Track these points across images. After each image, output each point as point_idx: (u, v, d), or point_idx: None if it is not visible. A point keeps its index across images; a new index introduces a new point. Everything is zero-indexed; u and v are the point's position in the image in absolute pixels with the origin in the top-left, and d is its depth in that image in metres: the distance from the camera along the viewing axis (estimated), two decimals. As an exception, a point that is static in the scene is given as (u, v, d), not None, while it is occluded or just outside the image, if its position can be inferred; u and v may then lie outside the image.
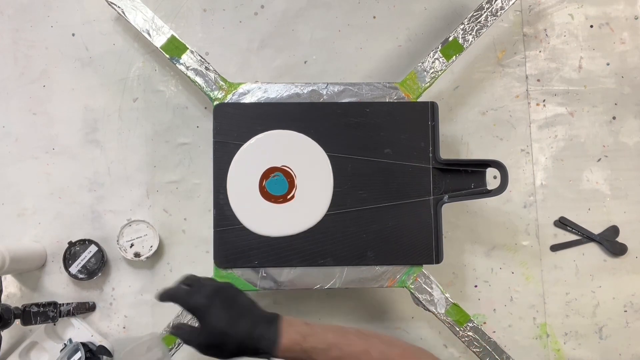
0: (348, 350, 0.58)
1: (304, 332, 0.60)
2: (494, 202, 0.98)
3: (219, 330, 0.59)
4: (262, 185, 0.82)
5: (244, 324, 0.60)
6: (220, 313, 0.60)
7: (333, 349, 0.58)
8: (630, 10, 1.02)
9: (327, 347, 0.59)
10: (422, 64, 0.86)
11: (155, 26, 0.85)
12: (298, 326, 0.61)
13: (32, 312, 0.84)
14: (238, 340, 0.59)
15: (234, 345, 0.59)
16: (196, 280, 0.64)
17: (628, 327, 0.98)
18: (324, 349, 0.59)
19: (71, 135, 0.97)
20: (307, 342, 0.59)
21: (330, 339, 0.59)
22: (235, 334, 0.59)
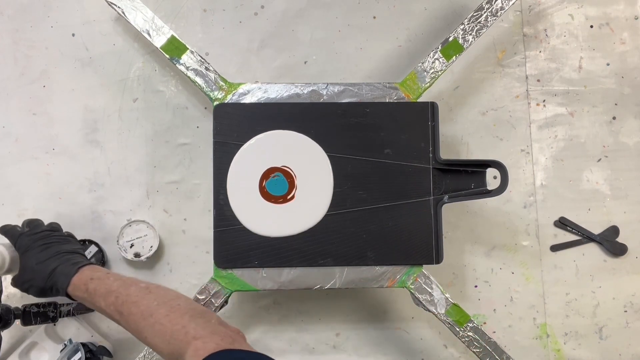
0: (123, 298, 0.64)
1: (94, 276, 0.67)
2: (494, 202, 0.98)
3: (29, 267, 0.70)
4: (262, 185, 0.82)
5: (51, 264, 0.69)
6: (35, 254, 0.70)
7: (110, 296, 0.65)
8: (630, 11, 1.02)
9: (106, 293, 0.65)
10: (422, 64, 0.86)
11: (155, 26, 0.85)
12: (93, 272, 0.68)
13: (32, 313, 0.84)
14: (43, 277, 0.69)
15: (41, 282, 0.68)
16: (36, 226, 0.75)
17: (628, 327, 0.98)
18: (103, 293, 0.65)
19: (71, 135, 0.97)
20: (92, 283, 0.66)
21: (113, 286, 0.66)
22: (41, 271, 0.69)
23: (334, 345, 0.97)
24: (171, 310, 0.63)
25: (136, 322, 0.63)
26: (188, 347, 0.58)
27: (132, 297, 0.64)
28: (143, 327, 0.62)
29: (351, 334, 0.97)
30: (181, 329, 0.60)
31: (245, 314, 0.97)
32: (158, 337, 0.61)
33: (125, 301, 0.64)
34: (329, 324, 0.97)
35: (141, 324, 0.62)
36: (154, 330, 0.61)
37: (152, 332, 0.61)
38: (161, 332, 0.61)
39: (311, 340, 0.97)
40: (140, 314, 0.62)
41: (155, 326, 0.61)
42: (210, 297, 0.82)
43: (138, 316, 0.62)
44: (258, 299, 0.97)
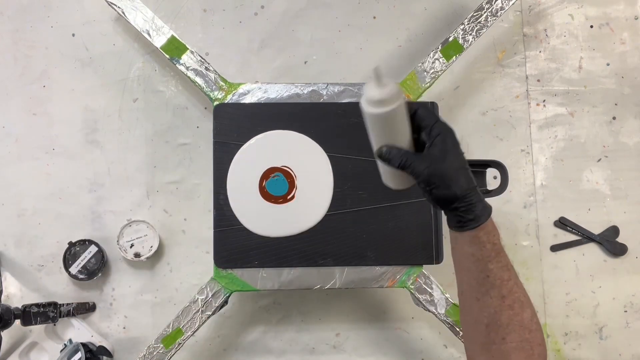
0: (513, 286, 0.58)
1: (499, 239, 0.59)
2: (494, 202, 0.96)
3: (455, 167, 0.57)
4: (262, 185, 0.82)
5: (472, 177, 0.58)
6: (460, 153, 0.58)
7: (508, 272, 0.58)
8: (630, 11, 1.02)
9: (506, 266, 0.58)
10: (422, 64, 0.86)
11: (155, 26, 0.85)
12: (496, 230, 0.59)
13: (32, 313, 0.84)
14: (465, 186, 0.57)
15: (460, 189, 0.57)
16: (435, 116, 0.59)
17: (628, 327, 0.98)
18: (504, 265, 0.58)
19: (71, 135, 0.97)
20: (499, 244, 0.58)
21: (510, 263, 0.58)
22: (464, 180, 0.57)
23: (334, 345, 0.97)
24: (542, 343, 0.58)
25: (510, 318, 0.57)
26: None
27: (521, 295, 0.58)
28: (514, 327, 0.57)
29: (351, 334, 0.97)
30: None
31: (245, 314, 0.97)
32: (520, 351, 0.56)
33: (513, 291, 0.58)
34: (329, 324, 0.97)
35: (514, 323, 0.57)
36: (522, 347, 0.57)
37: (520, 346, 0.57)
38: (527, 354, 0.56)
39: (311, 340, 0.97)
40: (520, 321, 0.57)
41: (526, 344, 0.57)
42: (210, 297, 0.82)
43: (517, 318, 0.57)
44: (258, 299, 0.97)
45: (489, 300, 0.58)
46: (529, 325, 0.56)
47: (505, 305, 0.57)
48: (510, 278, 0.58)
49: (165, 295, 0.96)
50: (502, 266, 0.58)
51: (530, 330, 0.56)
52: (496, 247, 0.58)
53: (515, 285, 0.58)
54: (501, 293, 0.57)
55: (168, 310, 0.95)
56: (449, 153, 0.57)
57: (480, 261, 0.58)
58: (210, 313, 0.83)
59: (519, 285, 0.58)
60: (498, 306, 0.57)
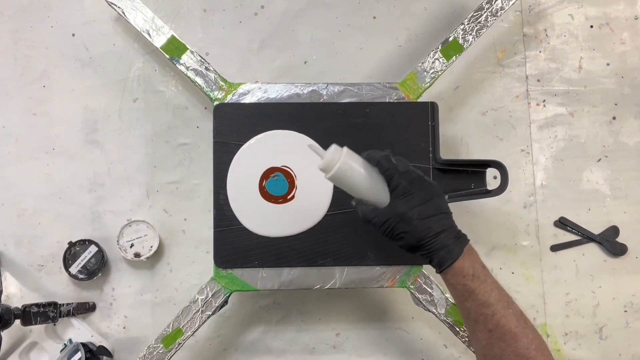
0: (499, 320, 0.57)
1: (476, 273, 0.59)
2: (494, 202, 0.98)
3: (407, 218, 0.60)
4: (262, 185, 0.82)
5: (435, 227, 0.60)
6: (418, 204, 0.60)
7: (487, 308, 0.58)
8: (630, 11, 1.02)
9: (484, 303, 0.58)
10: (422, 64, 0.86)
11: (155, 26, 0.85)
12: (476, 262, 0.60)
13: (32, 313, 0.84)
14: (421, 237, 0.59)
15: (415, 240, 0.60)
16: (404, 162, 0.64)
17: (628, 327, 0.98)
18: (481, 301, 0.58)
19: (71, 135, 0.97)
20: (473, 282, 0.59)
21: (492, 299, 0.58)
22: (421, 230, 0.59)
23: (334, 345, 0.97)
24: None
25: (502, 349, 0.57)
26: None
27: (512, 326, 0.57)
28: (508, 357, 0.57)
29: (351, 334, 0.97)
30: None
31: (245, 314, 0.97)
32: (528, 341, 0.56)
33: (501, 324, 0.58)
34: (329, 324, 0.97)
35: (507, 354, 0.57)
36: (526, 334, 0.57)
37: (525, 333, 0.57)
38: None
39: (311, 340, 0.97)
40: (513, 351, 0.56)
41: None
42: (210, 297, 0.82)
43: (510, 349, 0.56)
44: (258, 299, 0.97)
45: (478, 334, 0.59)
46: (526, 354, 0.56)
47: (495, 338, 0.57)
48: (494, 313, 0.58)
49: (165, 295, 0.96)
50: (480, 303, 0.58)
51: (528, 358, 0.56)
52: (467, 287, 0.59)
53: (503, 318, 0.58)
54: (487, 327, 0.58)
55: (168, 310, 0.95)
56: (400, 207, 0.60)
57: (457, 300, 0.61)
58: (210, 313, 0.83)
59: (507, 317, 0.58)
60: (487, 339, 0.58)
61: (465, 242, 0.61)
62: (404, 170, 0.62)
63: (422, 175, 0.63)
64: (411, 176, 0.62)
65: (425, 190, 0.61)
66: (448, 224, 0.61)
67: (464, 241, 0.61)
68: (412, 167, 0.64)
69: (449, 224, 0.62)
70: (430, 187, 0.62)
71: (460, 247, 0.60)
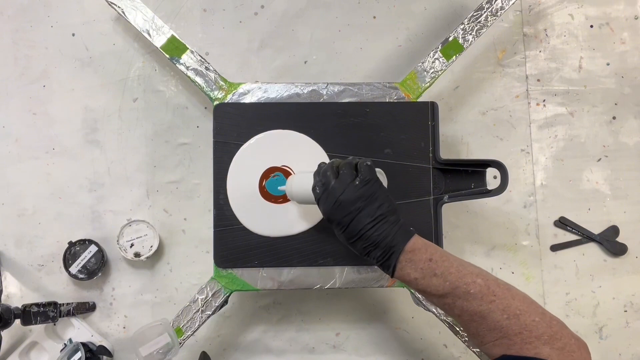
0: (462, 304, 0.59)
1: (419, 275, 0.60)
2: (494, 202, 0.98)
3: (360, 228, 0.61)
4: (262, 185, 0.82)
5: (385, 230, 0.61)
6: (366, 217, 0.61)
7: (446, 299, 0.59)
8: (630, 10, 1.02)
9: (442, 295, 0.60)
10: (422, 64, 0.86)
11: (155, 26, 0.85)
12: (418, 263, 0.61)
13: (32, 312, 0.84)
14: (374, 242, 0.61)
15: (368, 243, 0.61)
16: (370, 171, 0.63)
17: (628, 327, 0.98)
18: (438, 295, 0.60)
19: (71, 135, 0.97)
20: (418, 284, 0.61)
21: (447, 288, 0.59)
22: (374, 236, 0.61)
23: (334, 345, 0.97)
24: (525, 327, 0.56)
25: (476, 328, 0.58)
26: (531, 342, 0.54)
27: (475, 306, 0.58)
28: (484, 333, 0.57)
29: (351, 334, 0.97)
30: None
31: (245, 314, 0.97)
32: (498, 347, 0.56)
33: (464, 309, 0.58)
34: (329, 324, 0.97)
35: (482, 330, 0.58)
36: (500, 344, 0.56)
37: (497, 343, 0.56)
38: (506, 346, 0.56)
39: (311, 340, 0.97)
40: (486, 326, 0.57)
41: (502, 341, 0.56)
42: (210, 296, 0.82)
43: (482, 326, 0.57)
44: (258, 299, 0.97)
45: (454, 318, 0.61)
46: (496, 326, 0.56)
47: (466, 321, 0.59)
48: (454, 301, 0.59)
49: (165, 295, 0.96)
50: (438, 297, 0.60)
51: (501, 328, 0.56)
52: (418, 289, 0.61)
53: (464, 303, 0.58)
54: (454, 314, 0.60)
55: (168, 310, 0.95)
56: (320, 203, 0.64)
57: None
58: (210, 313, 0.83)
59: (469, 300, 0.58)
60: (461, 322, 0.60)
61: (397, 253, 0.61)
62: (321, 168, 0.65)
63: (330, 163, 0.65)
64: (319, 169, 0.65)
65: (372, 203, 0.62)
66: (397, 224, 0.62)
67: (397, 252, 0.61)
68: (336, 160, 0.66)
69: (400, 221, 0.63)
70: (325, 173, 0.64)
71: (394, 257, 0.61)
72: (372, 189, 0.62)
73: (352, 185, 0.61)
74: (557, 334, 0.55)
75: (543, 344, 0.54)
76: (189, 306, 0.83)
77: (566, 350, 0.54)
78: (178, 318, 0.82)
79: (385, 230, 0.61)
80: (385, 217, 0.61)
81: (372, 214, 0.61)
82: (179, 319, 0.82)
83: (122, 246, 0.93)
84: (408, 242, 0.61)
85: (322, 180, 0.64)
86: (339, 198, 0.61)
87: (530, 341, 0.54)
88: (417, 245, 0.61)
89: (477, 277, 0.59)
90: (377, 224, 0.61)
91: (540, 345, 0.54)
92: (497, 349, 0.56)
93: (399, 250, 0.60)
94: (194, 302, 0.83)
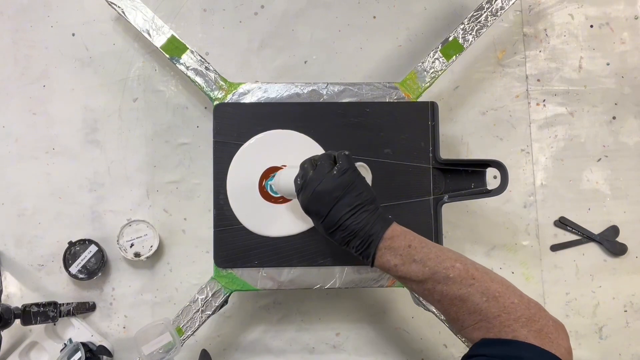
0: (441, 289, 0.59)
1: (399, 262, 0.61)
2: (494, 202, 0.98)
3: (338, 217, 0.61)
4: (262, 185, 0.82)
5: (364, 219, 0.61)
6: (344, 206, 0.61)
7: (425, 284, 0.60)
8: (630, 10, 1.02)
9: (421, 282, 0.60)
10: (422, 64, 0.86)
11: (155, 26, 0.85)
12: (397, 250, 0.61)
13: (32, 312, 0.84)
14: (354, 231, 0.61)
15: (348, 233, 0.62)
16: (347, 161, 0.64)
17: (628, 327, 0.98)
18: (417, 281, 0.60)
19: (71, 135, 0.97)
20: (398, 270, 0.61)
21: (425, 274, 0.59)
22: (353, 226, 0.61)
23: (334, 345, 0.97)
24: (504, 310, 0.56)
25: (456, 312, 0.58)
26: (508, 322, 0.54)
27: (454, 290, 0.58)
28: (464, 317, 0.58)
29: (351, 334, 0.97)
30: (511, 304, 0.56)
31: (245, 314, 0.97)
32: (478, 330, 0.56)
33: (444, 294, 0.58)
34: (329, 324, 0.97)
35: (462, 314, 0.58)
36: (479, 327, 0.56)
37: (476, 327, 0.57)
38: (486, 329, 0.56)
39: (311, 340, 0.97)
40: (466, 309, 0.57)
41: (481, 324, 0.56)
42: (210, 296, 0.82)
43: (462, 310, 0.58)
44: (258, 299, 0.97)
45: (433, 304, 0.61)
46: (476, 309, 0.57)
47: (446, 305, 0.59)
48: (434, 286, 0.59)
49: (165, 295, 0.96)
50: (417, 283, 0.60)
51: (480, 311, 0.56)
52: (398, 275, 0.61)
53: (444, 287, 0.59)
54: (434, 299, 0.60)
55: (168, 309, 0.95)
56: (300, 195, 0.64)
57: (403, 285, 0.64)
58: (210, 313, 0.83)
59: (448, 284, 0.58)
60: (440, 307, 0.60)
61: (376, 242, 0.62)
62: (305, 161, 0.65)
63: (310, 157, 0.65)
64: (303, 164, 0.65)
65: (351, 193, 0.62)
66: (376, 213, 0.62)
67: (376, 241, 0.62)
68: (317, 156, 0.66)
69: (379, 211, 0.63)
70: (303, 166, 0.64)
71: (373, 245, 0.61)
72: (350, 178, 0.62)
73: (330, 175, 0.61)
74: (534, 316, 0.55)
75: (521, 326, 0.54)
76: (189, 306, 0.83)
77: (544, 332, 0.53)
78: (178, 318, 0.82)
79: (364, 219, 0.61)
80: (363, 206, 0.61)
81: (350, 203, 0.61)
82: (179, 319, 0.82)
83: (122, 246, 0.93)
84: (387, 230, 0.61)
85: (300, 172, 0.64)
86: (317, 189, 0.61)
87: (508, 324, 0.54)
88: (396, 233, 0.61)
89: (456, 262, 0.59)
90: (355, 212, 0.61)
91: (519, 328, 0.54)
92: (477, 332, 0.56)
93: (378, 238, 0.61)
94: (194, 302, 0.83)
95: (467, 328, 0.58)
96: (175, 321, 0.82)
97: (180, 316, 0.82)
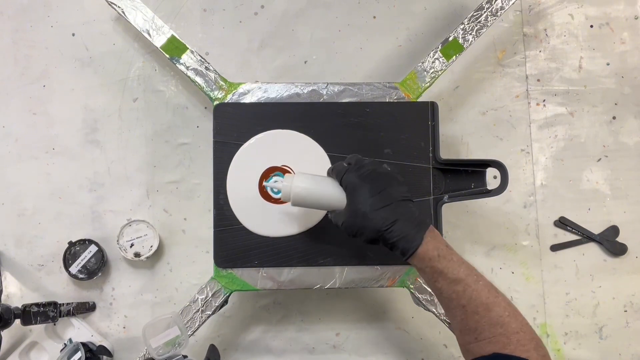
0: (471, 294, 0.58)
1: (442, 253, 0.60)
2: (494, 202, 0.98)
3: (361, 213, 0.61)
4: (262, 185, 0.82)
5: (389, 216, 0.61)
6: (367, 198, 0.62)
7: (458, 284, 0.59)
8: (630, 10, 1.02)
9: (454, 280, 0.59)
10: (422, 64, 0.86)
11: (155, 26, 0.85)
12: (440, 243, 0.61)
13: (32, 312, 0.84)
14: (377, 228, 0.61)
15: (373, 232, 0.61)
16: (359, 160, 0.66)
17: (628, 327, 0.98)
18: (450, 279, 0.59)
19: (71, 135, 0.97)
20: (440, 263, 0.60)
21: (461, 274, 0.59)
22: (376, 221, 0.61)
23: (334, 345, 0.97)
24: (522, 328, 0.57)
25: (477, 321, 0.58)
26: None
27: (483, 298, 0.58)
28: (483, 327, 0.57)
29: (351, 334, 0.97)
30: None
31: (245, 314, 0.97)
32: (494, 345, 0.56)
33: (473, 298, 0.58)
34: (329, 324, 0.97)
35: (482, 325, 0.57)
36: (496, 341, 0.56)
37: (493, 340, 0.56)
38: (502, 344, 0.56)
39: (311, 340, 0.97)
40: (488, 321, 0.57)
41: (500, 338, 0.56)
42: (210, 296, 0.82)
43: (484, 320, 0.57)
44: (258, 299, 0.97)
45: (453, 311, 0.60)
46: (500, 321, 0.57)
47: (469, 312, 0.58)
48: (465, 288, 0.59)
49: (165, 295, 0.96)
50: (450, 281, 0.59)
51: (502, 324, 0.57)
52: (435, 268, 0.60)
53: (474, 292, 0.59)
54: (460, 303, 0.59)
55: (168, 309, 0.95)
56: (353, 204, 0.63)
57: (429, 282, 0.62)
58: (210, 313, 0.83)
59: (478, 290, 0.59)
60: (462, 314, 0.59)
61: (424, 227, 0.61)
62: (356, 167, 0.65)
63: (374, 167, 0.65)
64: (361, 171, 0.64)
65: (376, 182, 0.63)
66: (404, 212, 0.62)
67: (424, 227, 0.61)
68: (368, 162, 0.66)
69: (406, 211, 0.62)
70: (381, 178, 0.63)
71: (420, 233, 0.61)
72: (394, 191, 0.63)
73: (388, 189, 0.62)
74: (540, 342, 0.57)
75: (534, 348, 0.55)
76: (189, 306, 0.83)
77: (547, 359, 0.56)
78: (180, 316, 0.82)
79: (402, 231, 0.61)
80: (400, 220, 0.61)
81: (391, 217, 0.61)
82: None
83: (122, 246, 0.93)
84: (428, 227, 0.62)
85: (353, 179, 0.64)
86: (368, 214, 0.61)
87: (524, 343, 0.55)
88: (435, 232, 0.62)
89: (481, 275, 0.60)
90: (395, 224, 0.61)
91: (532, 350, 0.55)
92: (491, 346, 0.56)
93: (427, 225, 0.61)
94: (194, 302, 0.83)
95: (482, 340, 0.57)
96: (175, 321, 0.82)
97: (181, 316, 0.82)
